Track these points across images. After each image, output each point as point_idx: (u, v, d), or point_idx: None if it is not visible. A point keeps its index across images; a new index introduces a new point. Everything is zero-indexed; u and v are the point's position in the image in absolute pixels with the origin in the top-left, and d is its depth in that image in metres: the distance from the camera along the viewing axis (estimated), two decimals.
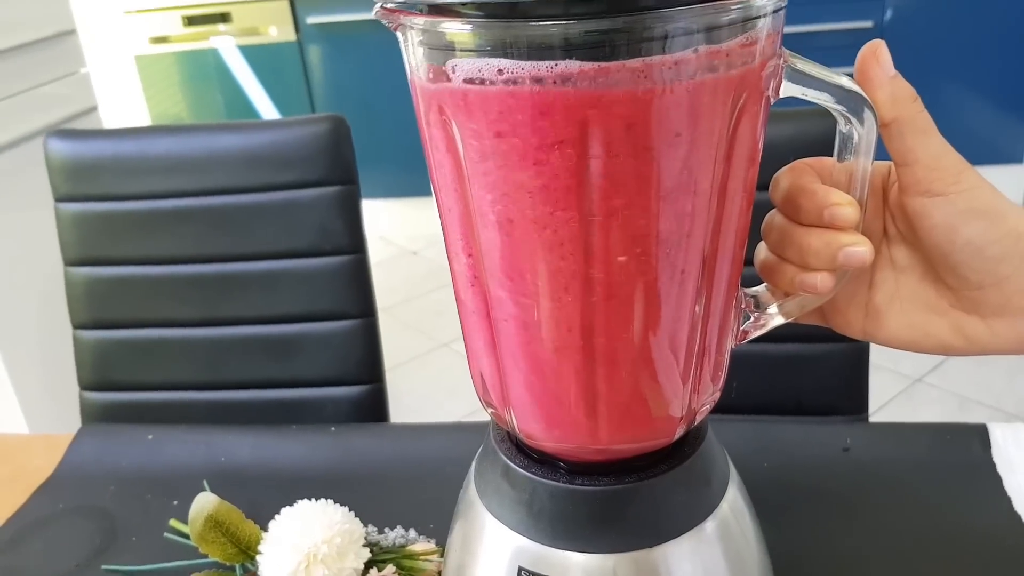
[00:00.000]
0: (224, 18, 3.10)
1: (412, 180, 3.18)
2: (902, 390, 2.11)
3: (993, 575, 0.62)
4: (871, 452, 0.75)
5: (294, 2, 3.05)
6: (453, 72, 0.35)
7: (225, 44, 3.14)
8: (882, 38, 0.40)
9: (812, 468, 0.74)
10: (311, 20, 3.05)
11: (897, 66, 0.40)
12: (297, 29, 3.09)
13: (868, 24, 2.67)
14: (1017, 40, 2.68)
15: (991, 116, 2.79)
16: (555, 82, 0.33)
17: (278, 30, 3.09)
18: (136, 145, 1.05)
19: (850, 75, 0.40)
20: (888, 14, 2.68)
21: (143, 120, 3.29)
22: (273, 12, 3.07)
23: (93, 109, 2.00)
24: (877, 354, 0.49)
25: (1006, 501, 0.68)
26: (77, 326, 1.10)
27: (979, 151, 2.81)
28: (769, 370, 0.97)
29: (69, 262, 1.08)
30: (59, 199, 1.07)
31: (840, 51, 2.67)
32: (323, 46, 3.11)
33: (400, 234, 3.36)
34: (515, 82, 0.33)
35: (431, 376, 2.40)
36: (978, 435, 0.75)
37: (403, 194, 3.28)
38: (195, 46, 3.17)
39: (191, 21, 3.12)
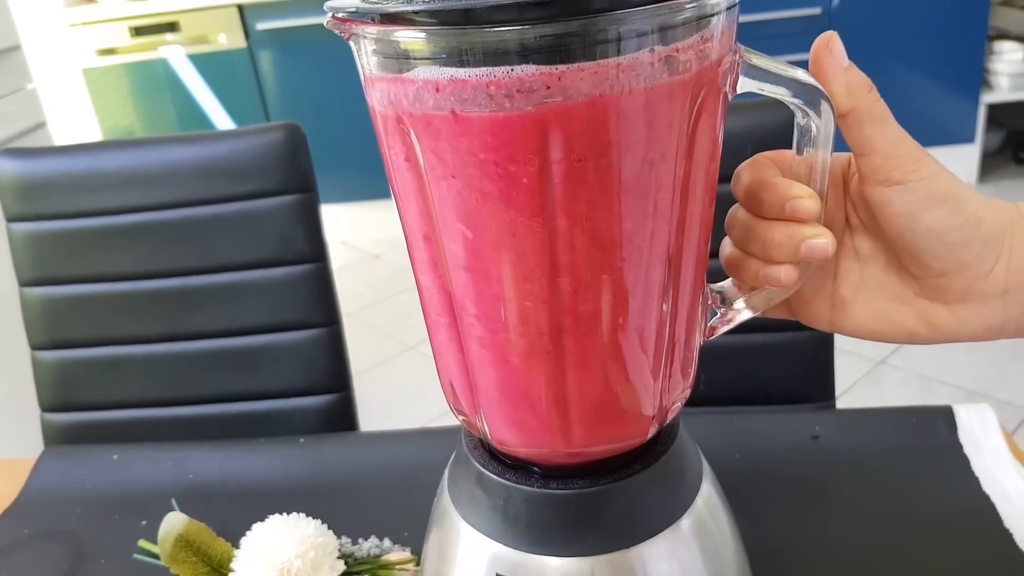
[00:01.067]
0: (172, 27, 3.06)
1: (371, 183, 3.16)
2: (866, 372, 2.14)
3: (965, 556, 0.63)
4: (840, 439, 0.76)
5: (243, 9, 3.02)
6: (409, 81, 0.34)
7: (174, 53, 3.10)
8: (830, 24, 0.40)
9: (783, 457, 0.75)
10: (261, 26, 3.02)
11: (847, 51, 0.40)
12: (247, 36, 3.06)
13: (816, 11, 2.70)
14: (965, 20, 2.72)
15: (942, 97, 2.83)
16: (512, 87, 0.33)
17: (228, 37, 3.06)
18: (88, 161, 1.03)
19: (803, 63, 0.40)
20: (835, 0, 2.71)
21: (94, 134, 3.24)
22: (222, 19, 3.03)
23: (42, 125, 1.97)
24: (841, 337, 0.50)
25: (974, 481, 0.69)
26: (35, 347, 1.08)
27: (931, 132, 2.85)
28: (736, 361, 0.98)
29: (24, 283, 1.06)
30: (11, 219, 1.05)
31: (790, 39, 2.69)
32: (274, 52, 3.08)
33: (362, 238, 3.34)
34: (472, 89, 0.33)
35: (399, 380, 2.39)
36: (943, 417, 0.76)
37: (363, 197, 3.26)
38: (144, 56, 3.12)
39: (138, 32, 3.08)
